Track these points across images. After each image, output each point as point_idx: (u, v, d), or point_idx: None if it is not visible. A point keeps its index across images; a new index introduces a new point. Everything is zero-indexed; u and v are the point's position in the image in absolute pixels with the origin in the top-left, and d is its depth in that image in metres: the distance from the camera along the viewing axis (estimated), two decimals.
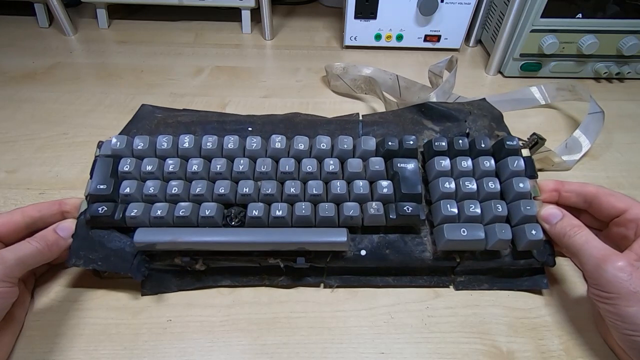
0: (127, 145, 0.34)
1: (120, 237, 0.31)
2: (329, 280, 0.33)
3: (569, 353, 0.30)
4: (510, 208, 0.32)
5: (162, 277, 0.32)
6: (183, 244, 0.30)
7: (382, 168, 0.33)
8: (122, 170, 0.32)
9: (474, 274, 0.33)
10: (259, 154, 0.33)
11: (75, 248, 0.30)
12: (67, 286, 0.33)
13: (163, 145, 0.33)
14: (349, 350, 0.30)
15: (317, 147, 0.34)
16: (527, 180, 0.32)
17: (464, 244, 0.30)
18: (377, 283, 0.33)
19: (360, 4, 0.59)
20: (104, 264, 0.30)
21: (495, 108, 0.39)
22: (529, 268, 0.33)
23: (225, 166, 0.32)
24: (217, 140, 0.34)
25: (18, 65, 0.58)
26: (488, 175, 0.33)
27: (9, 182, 0.41)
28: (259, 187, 0.32)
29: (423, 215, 0.31)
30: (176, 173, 0.32)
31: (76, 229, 0.31)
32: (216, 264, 0.32)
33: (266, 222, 0.31)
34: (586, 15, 0.52)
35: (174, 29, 0.69)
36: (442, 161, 0.33)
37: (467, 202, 0.32)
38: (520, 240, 0.31)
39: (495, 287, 0.33)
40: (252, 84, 0.57)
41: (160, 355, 0.29)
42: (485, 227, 0.31)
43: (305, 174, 0.32)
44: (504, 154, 0.34)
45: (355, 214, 0.31)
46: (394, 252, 0.32)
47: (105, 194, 0.32)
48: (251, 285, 0.33)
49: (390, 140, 0.34)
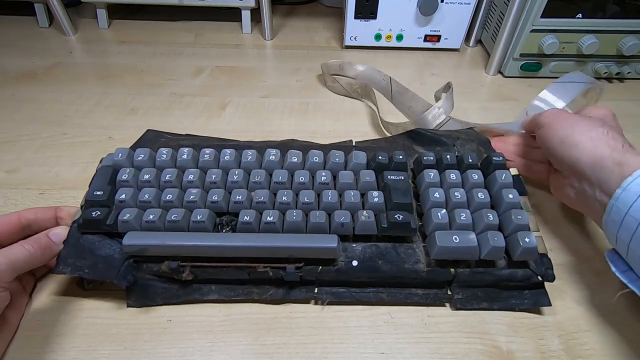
0: (129, 157, 0.35)
1: (111, 244, 0.31)
2: (319, 295, 0.32)
3: (569, 353, 0.30)
4: (501, 219, 0.32)
5: (148, 288, 0.32)
6: (172, 248, 0.30)
7: (373, 179, 0.34)
8: (120, 179, 0.33)
9: (471, 289, 0.32)
10: (253, 166, 0.35)
11: (65, 255, 0.30)
12: (67, 286, 0.33)
13: (162, 157, 0.35)
14: (349, 350, 0.30)
15: (310, 160, 0.35)
16: (516, 192, 0.33)
17: (457, 251, 0.30)
18: (371, 299, 0.32)
19: (360, 4, 0.59)
20: (91, 271, 0.30)
21: (481, 134, 0.41)
22: (528, 284, 0.32)
23: (220, 176, 0.33)
24: (214, 152, 0.35)
25: (18, 65, 0.58)
26: (477, 186, 0.34)
27: (9, 182, 0.41)
28: (251, 197, 0.32)
29: (414, 224, 0.31)
30: (172, 182, 0.33)
31: (67, 237, 0.31)
32: (204, 274, 0.31)
33: (257, 228, 0.31)
34: (586, 15, 0.52)
35: (174, 29, 0.69)
36: (431, 173, 0.34)
37: (457, 211, 0.32)
38: (514, 248, 0.30)
39: (495, 307, 0.32)
40: (252, 84, 0.57)
41: (160, 355, 0.29)
42: (477, 236, 0.31)
43: (297, 184, 0.33)
44: (491, 169, 0.35)
45: (346, 220, 0.31)
46: (387, 262, 0.31)
47: (101, 200, 0.32)
48: (239, 301, 0.32)
49: (381, 155, 0.35)
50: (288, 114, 0.51)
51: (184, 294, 0.32)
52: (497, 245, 0.30)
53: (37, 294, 0.32)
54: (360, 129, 0.49)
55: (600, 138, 0.30)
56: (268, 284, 0.32)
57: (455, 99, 0.46)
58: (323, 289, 0.32)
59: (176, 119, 0.50)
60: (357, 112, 0.52)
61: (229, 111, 0.51)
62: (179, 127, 0.48)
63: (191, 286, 0.32)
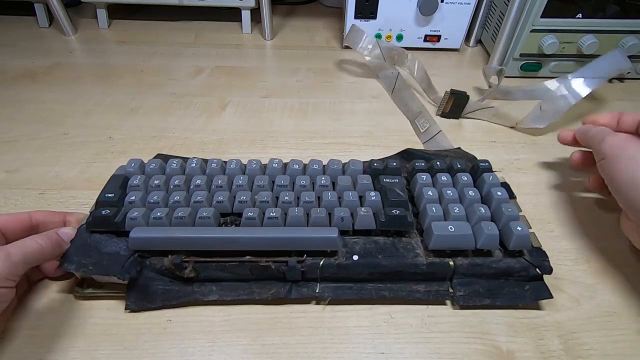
0: (140, 166, 0.37)
1: (117, 242, 0.32)
2: (321, 293, 0.32)
3: (569, 353, 0.30)
4: (493, 213, 0.34)
5: (148, 289, 0.32)
6: (176, 240, 0.30)
7: (370, 182, 0.36)
8: (131, 184, 0.35)
9: (472, 285, 0.32)
10: (257, 173, 0.37)
11: (71, 253, 0.31)
12: (67, 286, 0.33)
13: (172, 166, 0.37)
14: (349, 350, 0.30)
15: (310, 167, 0.37)
16: (504, 190, 0.35)
17: (453, 239, 0.31)
18: (372, 296, 0.32)
19: (360, 4, 0.59)
20: (95, 268, 0.30)
21: (469, 152, 0.44)
22: (527, 277, 0.32)
23: (226, 181, 0.35)
24: (221, 162, 0.38)
25: (18, 65, 0.58)
26: (467, 186, 0.36)
27: (9, 182, 0.41)
28: (255, 197, 0.34)
29: (411, 218, 0.33)
30: (180, 186, 0.35)
31: (75, 238, 0.32)
32: (206, 271, 0.31)
33: (260, 224, 0.32)
34: (586, 15, 0.52)
35: (174, 29, 0.69)
36: (424, 176, 0.37)
37: (451, 205, 0.34)
38: (508, 238, 0.32)
39: (497, 303, 0.32)
40: (252, 84, 0.57)
41: (160, 355, 0.29)
42: (472, 227, 0.32)
43: (299, 187, 0.35)
44: (479, 173, 0.37)
45: (345, 215, 0.32)
46: (387, 257, 0.32)
47: (111, 201, 0.34)
48: (239, 302, 0.32)
49: (376, 162, 0.38)
50: (288, 114, 0.51)
51: (184, 295, 0.32)
52: (492, 234, 0.31)
53: (37, 294, 0.32)
54: (360, 129, 0.49)
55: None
56: (270, 282, 0.32)
57: None
58: (324, 286, 0.32)
59: (176, 119, 0.50)
60: (357, 113, 0.52)
61: (229, 111, 0.51)
62: (179, 127, 0.48)
63: (192, 287, 0.32)
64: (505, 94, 0.53)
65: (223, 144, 0.46)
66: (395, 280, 0.32)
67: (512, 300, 0.32)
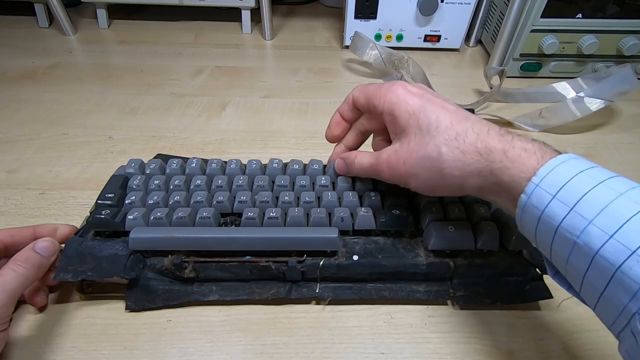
0: (140, 167, 0.37)
1: (113, 245, 0.31)
2: (321, 293, 0.32)
3: (569, 353, 0.30)
4: (493, 213, 0.34)
5: (148, 289, 0.32)
6: (176, 240, 0.30)
7: (370, 183, 0.36)
8: (131, 185, 0.35)
9: (472, 285, 0.32)
10: (257, 173, 0.37)
11: (64, 264, 0.30)
12: (67, 287, 0.33)
13: (172, 166, 0.37)
14: (348, 350, 0.30)
15: (310, 167, 0.37)
16: None
17: (453, 239, 0.31)
18: (372, 296, 0.32)
19: (360, 4, 0.59)
20: (94, 273, 0.30)
21: None
22: (527, 278, 0.32)
23: (226, 182, 0.35)
24: (221, 162, 0.37)
25: (18, 65, 0.58)
26: None
27: (9, 182, 0.41)
28: (255, 198, 0.34)
29: (410, 218, 0.33)
30: (180, 186, 0.35)
31: (65, 247, 0.31)
32: (206, 271, 0.31)
33: (260, 224, 0.32)
34: (586, 15, 0.52)
35: (174, 29, 0.69)
36: None
37: (450, 205, 0.33)
38: (509, 238, 0.31)
39: (497, 303, 0.32)
40: (252, 84, 0.57)
41: (160, 355, 0.29)
42: (472, 226, 0.32)
43: (299, 187, 0.35)
44: None
45: (345, 215, 0.32)
46: (387, 257, 0.32)
47: (111, 202, 0.33)
48: (239, 302, 0.32)
49: None
50: (288, 114, 0.51)
51: (184, 295, 0.32)
52: (492, 234, 0.31)
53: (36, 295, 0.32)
54: None
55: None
56: (270, 282, 0.32)
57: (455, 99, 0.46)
58: (324, 286, 0.32)
59: (176, 119, 0.50)
60: None
61: (229, 111, 0.51)
62: (179, 127, 0.48)
63: (192, 287, 0.32)
64: (506, 96, 0.53)
65: (223, 144, 0.46)
66: (395, 281, 0.32)
67: (512, 300, 0.32)
